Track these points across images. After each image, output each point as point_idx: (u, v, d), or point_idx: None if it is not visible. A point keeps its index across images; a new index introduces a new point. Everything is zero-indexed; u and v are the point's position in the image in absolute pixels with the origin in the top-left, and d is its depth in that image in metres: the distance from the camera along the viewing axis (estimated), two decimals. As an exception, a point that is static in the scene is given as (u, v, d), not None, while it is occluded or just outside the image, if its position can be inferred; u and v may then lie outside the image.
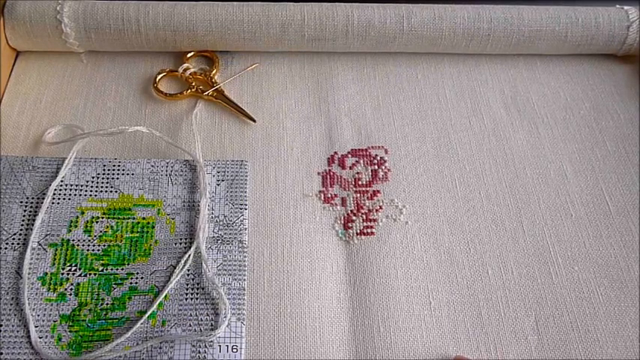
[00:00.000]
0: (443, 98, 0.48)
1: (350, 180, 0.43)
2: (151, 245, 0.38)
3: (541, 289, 0.39)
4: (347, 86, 0.48)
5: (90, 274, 0.36)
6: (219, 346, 0.34)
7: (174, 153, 0.42)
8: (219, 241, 0.38)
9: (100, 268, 0.37)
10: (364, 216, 0.41)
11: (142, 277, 0.37)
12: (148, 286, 0.36)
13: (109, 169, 0.40)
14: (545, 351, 0.37)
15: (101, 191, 0.39)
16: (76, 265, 0.37)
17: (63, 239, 0.37)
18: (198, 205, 0.39)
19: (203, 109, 0.45)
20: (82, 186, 0.39)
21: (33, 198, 0.38)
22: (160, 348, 0.34)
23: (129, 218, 0.39)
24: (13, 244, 0.37)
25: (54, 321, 0.35)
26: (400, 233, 0.41)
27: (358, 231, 0.40)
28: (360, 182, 0.43)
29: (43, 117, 0.44)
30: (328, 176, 0.43)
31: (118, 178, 0.40)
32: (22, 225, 0.37)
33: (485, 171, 0.44)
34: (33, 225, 0.37)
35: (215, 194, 0.40)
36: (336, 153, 0.44)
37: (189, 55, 0.48)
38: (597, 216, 0.42)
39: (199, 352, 0.34)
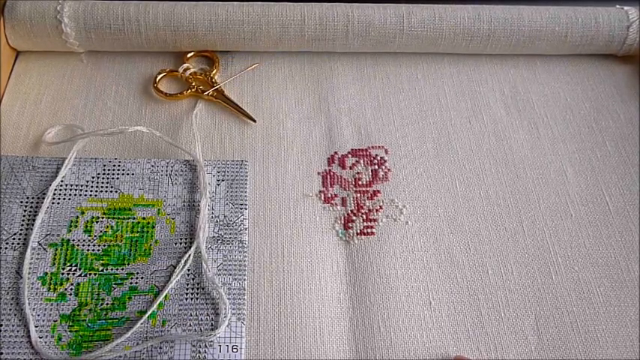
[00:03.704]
0: (443, 98, 0.48)
1: (350, 180, 0.43)
2: (151, 245, 0.38)
3: (541, 289, 0.39)
4: (347, 86, 0.48)
5: (90, 274, 0.36)
6: (220, 346, 0.34)
7: (174, 153, 0.42)
8: (219, 241, 0.38)
9: (100, 268, 0.37)
10: (364, 216, 0.41)
11: (142, 277, 0.37)
12: (148, 286, 0.36)
13: (109, 169, 0.40)
14: (545, 351, 0.37)
15: (101, 191, 0.39)
16: (76, 265, 0.37)
17: (63, 239, 0.37)
18: (199, 205, 0.39)
19: (203, 109, 0.45)
20: (82, 186, 0.39)
21: (33, 198, 0.38)
22: (160, 348, 0.34)
23: (129, 218, 0.39)
24: (13, 244, 0.37)
25: (54, 321, 0.35)
26: (400, 233, 0.41)
27: (358, 231, 0.40)
28: (360, 182, 0.43)
29: (43, 117, 0.44)
30: (328, 176, 0.43)
31: (118, 178, 0.40)
32: (22, 225, 0.37)
33: (486, 171, 0.44)
34: (33, 225, 0.37)
35: (215, 194, 0.40)
36: (336, 153, 0.44)
37: (189, 55, 0.48)
38: (597, 216, 0.42)
39: (199, 352, 0.34)
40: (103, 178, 0.40)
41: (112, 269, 0.37)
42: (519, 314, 0.38)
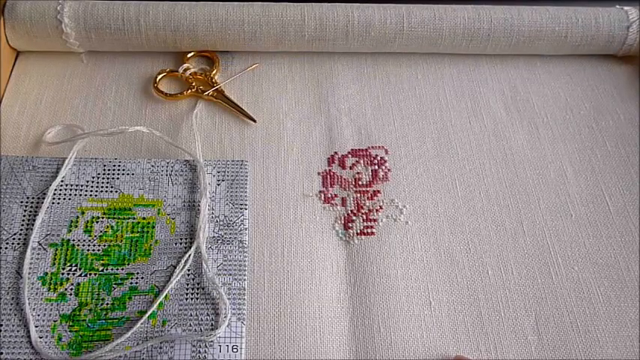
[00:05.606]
0: (443, 98, 0.48)
1: (350, 180, 0.43)
2: (151, 245, 0.38)
3: (541, 289, 0.39)
4: (347, 86, 0.48)
5: (90, 274, 0.36)
6: (220, 346, 0.34)
7: (174, 153, 0.42)
8: (219, 241, 0.38)
9: (101, 268, 0.37)
10: (364, 216, 0.41)
11: (142, 277, 0.37)
12: (148, 286, 0.36)
13: (109, 169, 0.40)
14: (545, 351, 0.37)
15: (101, 191, 0.39)
16: (76, 265, 0.37)
17: (63, 239, 0.37)
18: (199, 205, 0.39)
19: (203, 109, 0.46)
20: (82, 186, 0.39)
21: (33, 198, 0.38)
22: (160, 348, 0.34)
23: (129, 218, 0.39)
24: (13, 244, 0.37)
25: (54, 321, 0.35)
26: (400, 233, 0.41)
27: (358, 231, 0.40)
28: (360, 182, 0.43)
29: (43, 117, 0.44)
30: (328, 176, 0.43)
31: (118, 178, 0.40)
32: (22, 225, 0.37)
33: (486, 171, 0.44)
34: (33, 225, 0.37)
35: (215, 194, 0.40)
36: (336, 153, 0.44)
37: (189, 55, 0.48)
38: (597, 216, 0.42)
39: (199, 352, 0.34)
40: (103, 178, 0.40)
41: (112, 269, 0.37)
42: (519, 314, 0.38)
